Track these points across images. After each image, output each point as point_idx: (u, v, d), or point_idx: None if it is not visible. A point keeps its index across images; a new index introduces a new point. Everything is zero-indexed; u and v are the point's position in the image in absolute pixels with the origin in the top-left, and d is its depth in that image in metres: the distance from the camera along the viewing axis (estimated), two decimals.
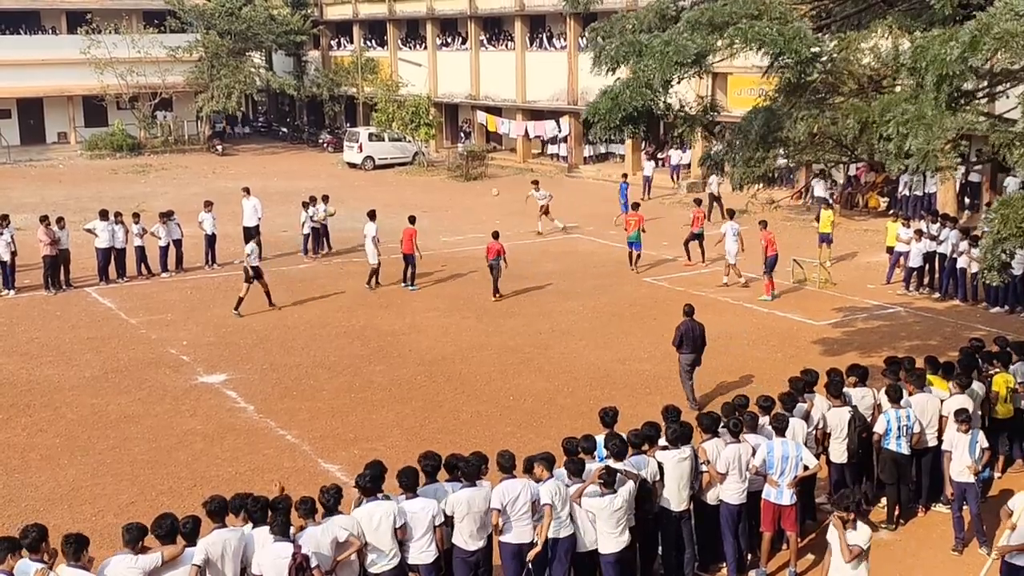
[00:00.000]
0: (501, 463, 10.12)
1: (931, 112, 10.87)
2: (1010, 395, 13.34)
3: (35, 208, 32.34)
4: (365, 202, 35.81)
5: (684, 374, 16.38)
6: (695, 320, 16.32)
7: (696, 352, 16.24)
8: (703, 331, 16.33)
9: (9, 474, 14.27)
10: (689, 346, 16.14)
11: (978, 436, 11.86)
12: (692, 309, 16.52)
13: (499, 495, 9.90)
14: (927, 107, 10.93)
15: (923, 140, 10.85)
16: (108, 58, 50.60)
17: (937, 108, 10.88)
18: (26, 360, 19.28)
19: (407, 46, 55.31)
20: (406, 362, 19.10)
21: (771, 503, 11.25)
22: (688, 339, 16.12)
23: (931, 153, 10.85)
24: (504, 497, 9.90)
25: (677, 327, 16.32)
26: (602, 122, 13.28)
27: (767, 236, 23.34)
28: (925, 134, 10.85)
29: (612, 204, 33.95)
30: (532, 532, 10.07)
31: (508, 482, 10.00)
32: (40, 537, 8.54)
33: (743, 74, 31.91)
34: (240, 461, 14.65)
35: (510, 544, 10.06)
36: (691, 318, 16.27)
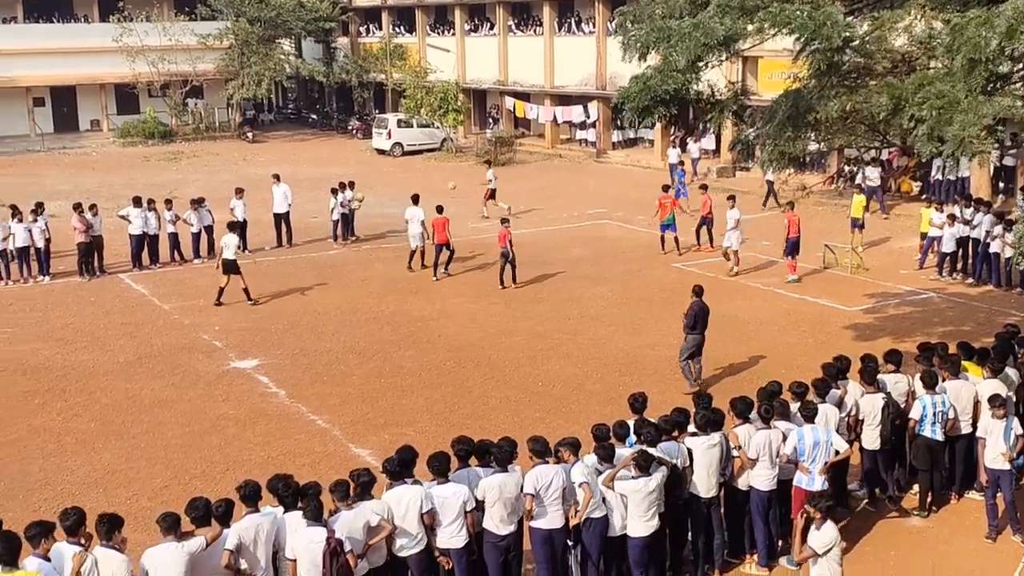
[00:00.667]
0: (535, 448, 10.12)
1: (966, 97, 10.74)
2: None
3: (69, 195, 32.66)
4: (394, 188, 35.97)
5: (685, 352, 16.50)
6: (704, 301, 16.53)
7: (704, 331, 16.48)
8: (709, 312, 16.60)
9: (45, 458, 14.47)
10: (701, 327, 16.37)
11: (1013, 423, 11.72)
12: (701, 289, 16.76)
13: (532, 480, 9.92)
14: (961, 92, 10.79)
15: (958, 126, 10.73)
16: (140, 46, 50.87)
17: (972, 93, 10.74)
18: (61, 345, 19.52)
19: (435, 32, 55.27)
20: (435, 348, 19.16)
21: (802, 489, 11.19)
22: (700, 320, 16.37)
23: (967, 140, 10.73)
24: (537, 482, 9.91)
25: (690, 308, 16.44)
26: (632, 105, 13.24)
27: (791, 218, 23.32)
28: (961, 120, 10.72)
29: (641, 189, 33.85)
30: (563, 518, 10.10)
31: (541, 467, 10.01)
32: (79, 520, 8.64)
33: (774, 58, 31.57)
34: (272, 446, 14.78)
35: (541, 529, 10.09)
36: (700, 298, 16.50)
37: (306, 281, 24.19)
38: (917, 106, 11.17)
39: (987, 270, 22.78)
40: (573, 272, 24.78)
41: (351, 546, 8.93)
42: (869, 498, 12.74)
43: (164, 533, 8.71)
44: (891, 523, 12.38)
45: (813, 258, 24.84)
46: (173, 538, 8.68)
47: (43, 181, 39.28)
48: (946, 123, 10.78)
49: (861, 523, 12.32)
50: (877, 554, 11.64)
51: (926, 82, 11.29)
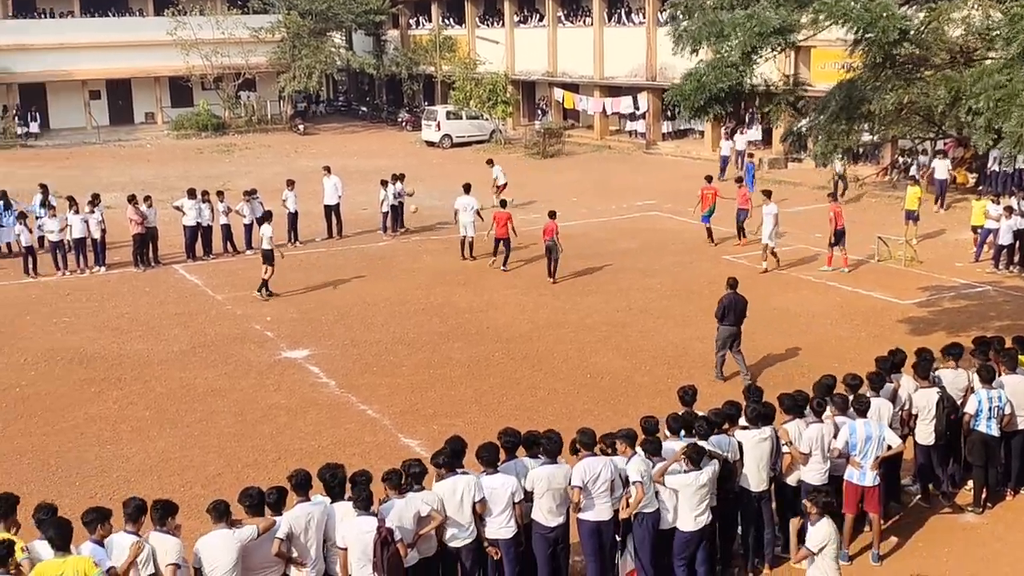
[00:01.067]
0: (583, 440, 10.13)
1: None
2: None
3: (124, 187, 33.19)
4: (443, 180, 36.08)
5: (720, 344, 16.58)
6: (738, 293, 16.54)
7: (737, 324, 16.46)
8: (746, 305, 16.52)
9: (101, 445, 14.74)
10: (731, 318, 16.40)
11: None
12: (736, 282, 16.78)
13: (580, 472, 9.92)
14: (1020, 84, 10.58)
15: (1016, 122, 10.51)
16: (193, 39, 51.52)
17: None
18: (117, 335, 19.85)
19: (485, 24, 55.29)
20: (484, 339, 19.21)
21: (854, 484, 11.09)
22: (731, 311, 16.39)
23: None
24: (585, 475, 9.91)
25: (720, 299, 16.57)
26: (687, 104, 13.18)
27: (835, 208, 23.19)
28: (1019, 115, 10.51)
29: (691, 181, 33.47)
30: (611, 510, 10.09)
31: (589, 459, 10.01)
32: (140, 509, 8.76)
33: (827, 47, 31.18)
34: (322, 435, 14.92)
35: (589, 522, 10.09)
36: (734, 291, 16.53)
37: (356, 272, 24.36)
38: (974, 98, 10.97)
39: None
40: (622, 264, 24.70)
41: (401, 535, 9.00)
42: (922, 494, 12.57)
43: (215, 521, 8.82)
44: (945, 519, 12.21)
45: (866, 250, 24.51)
46: (224, 526, 8.79)
47: (99, 173, 39.95)
48: (1004, 116, 10.57)
49: (914, 519, 12.18)
50: (930, 550, 11.49)
51: (984, 74, 11.08)
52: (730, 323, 16.40)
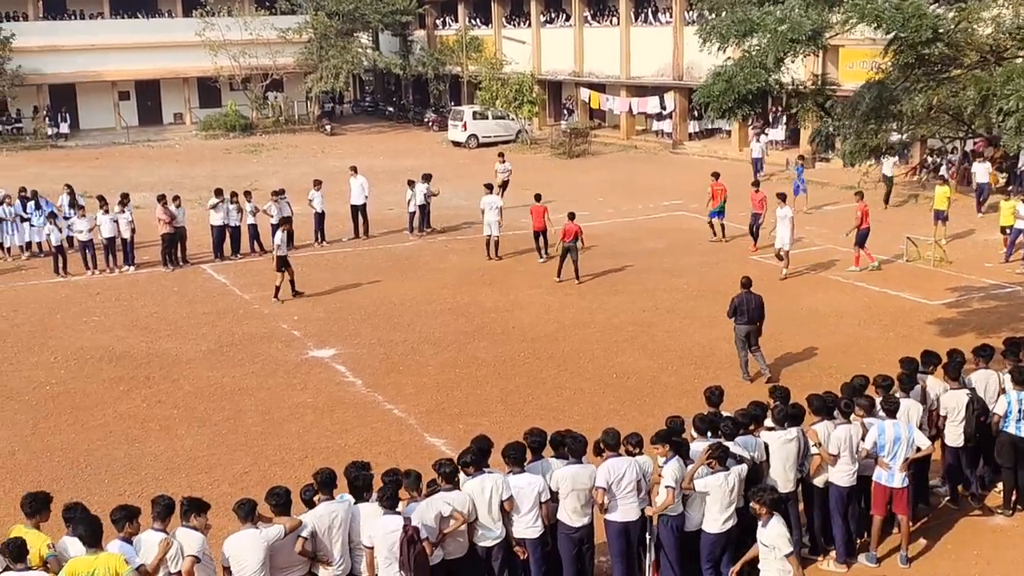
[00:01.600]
0: (607, 441, 10.11)
1: None
2: None
3: (153, 187, 33.44)
4: (469, 180, 36.13)
5: (739, 343, 16.66)
6: (752, 292, 16.63)
7: (751, 323, 16.46)
8: (760, 303, 16.54)
9: (130, 443, 14.86)
10: (743, 317, 16.45)
11: None
12: (749, 281, 16.88)
13: (604, 473, 9.90)
14: None
15: None
16: (221, 40, 51.85)
17: None
18: (146, 334, 20.01)
19: (511, 24, 55.31)
20: (509, 339, 19.22)
21: (882, 486, 11.01)
22: (742, 310, 16.46)
23: None
24: (610, 475, 9.90)
25: (732, 299, 16.69)
26: (715, 104, 13.11)
27: (862, 208, 22.95)
28: None
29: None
30: (638, 510, 10.07)
31: (614, 460, 10.00)
32: (168, 508, 8.81)
33: (855, 47, 30.96)
34: (349, 434, 14.98)
35: (616, 522, 10.07)
36: (748, 290, 16.65)
37: (382, 272, 24.44)
38: (1004, 99, 10.86)
39: None
40: (648, 264, 24.64)
41: (426, 534, 9.02)
42: (951, 496, 12.47)
43: (242, 521, 8.88)
44: (974, 521, 12.10)
45: (895, 250, 24.33)
46: (251, 525, 8.85)
47: (128, 173, 40.29)
48: None
49: (943, 521, 12.08)
50: (959, 553, 11.40)
51: (1015, 74, 10.97)
52: (743, 322, 16.47)
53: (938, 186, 26.31)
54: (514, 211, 29.61)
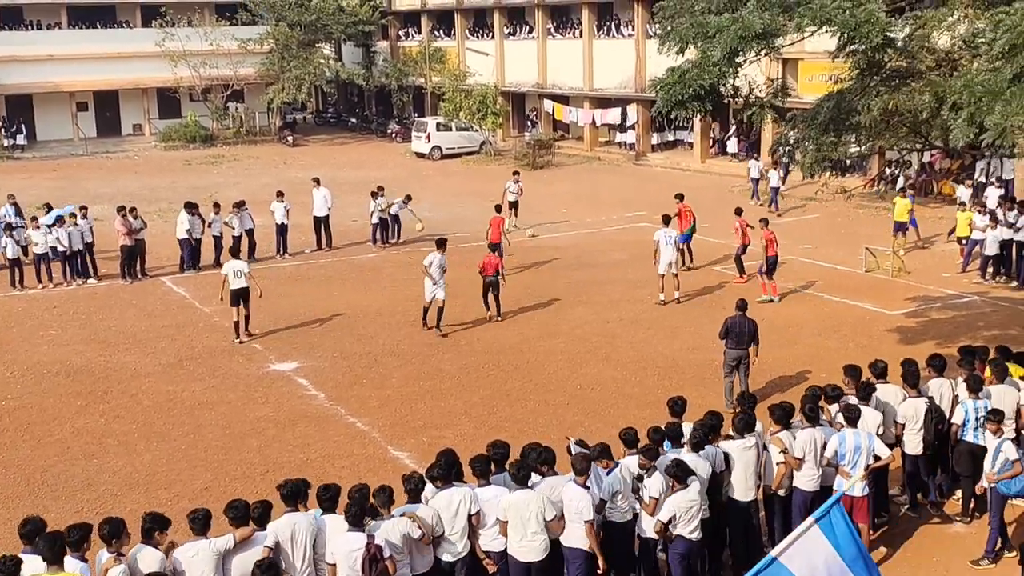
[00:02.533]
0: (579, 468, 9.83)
1: (1008, 87, 10.58)
2: None
3: (111, 199, 33.10)
4: (433, 192, 36.13)
5: (726, 367, 15.94)
6: (746, 316, 15.85)
7: (741, 347, 15.73)
8: (754, 328, 15.77)
9: (88, 459, 14.64)
10: (733, 341, 15.75)
11: (1003, 445, 11.18)
12: (745, 304, 16.12)
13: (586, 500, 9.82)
14: (1003, 82, 10.65)
15: (1000, 115, 10.56)
16: (181, 51, 51.50)
17: (1015, 83, 10.58)
18: (104, 348, 19.75)
19: (474, 35, 55.40)
20: (474, 351, 19.18)
21: (844, 495, 11.07)
22: (733, 333, 15.74)
23: (1008, 129, 10.54)
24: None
25: (725, 320, 15.99)
26: (665, 97, 13.16)
27: (767, 235, 22.01)
28: (1003, 109, 10.56)
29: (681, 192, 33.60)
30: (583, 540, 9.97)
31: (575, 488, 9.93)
32: (114, 530, 8.62)
33: (814, 60, 31.34)
34: (311, 447, 14.85)
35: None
36: (743, 313, 15.86)
37: (345, 284, 24.33)
38: (957, 95, 11.03)
39: None
40: (612, 275, 24.71)
41: (390, 552, 8.94)
42: (911, 504, 12.58)
43: (196, 532, 8.84)
44: (933, 529, 12.22)
45: (855, 261, 24.57)
46: (203, 537, 8.79)
47: (86, 184, 39.85)
48: (987, 112, 10.61)
49: (902, 529, 12.19)
50: (919, 560, 11.50)
51: (968, 77, 11.16)
52: (732, 345, 15.77)
53: (899, 198, 26.58)
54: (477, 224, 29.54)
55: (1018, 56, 10.40)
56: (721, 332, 15.96)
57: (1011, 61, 10.50)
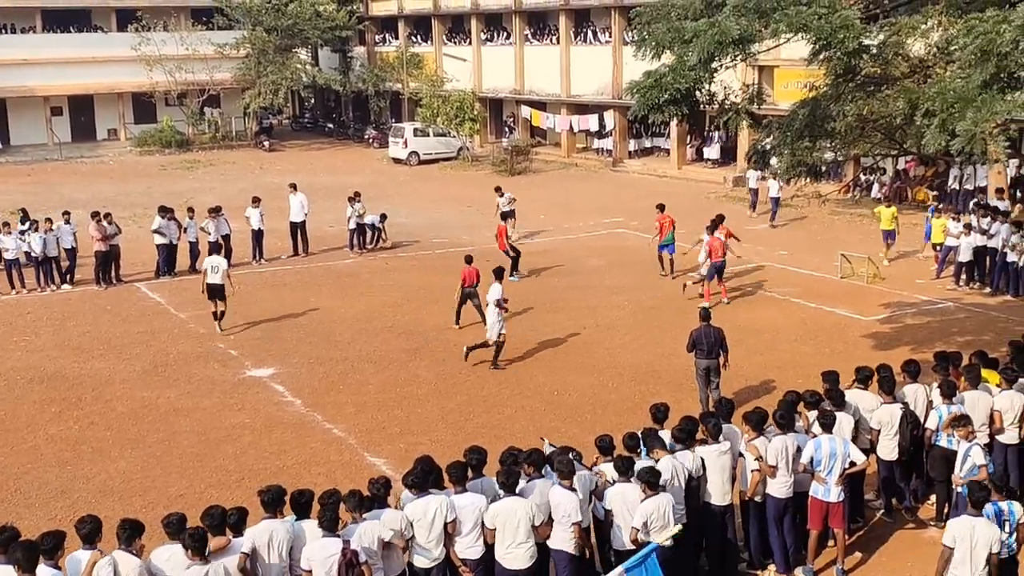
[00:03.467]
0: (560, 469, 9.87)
1: (980, 94, 10.69)
2: None
3: (86, 204, 32.83)
4: (410, 198, 36.09)
5: (699, 378, 15.86)
6: (711, 326, 15.72)
7: (711, 357, 15.63)
8: (720, 336, 15.61)
9: (61, 466, 14.52)
10: (702, 351, 15.64)
11: (972, 450, 11.25)
12: (708, 314, 16.02)
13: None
14: (974, 89, 10.76)
15: (970, 122, 10.67)
16: (157, 55, 51.26)
17: (986, 90, 10.69)
18: (78, 354, 19.60)
19: (452, 41, 55.41)
20: (451, 357, 19.14)
21: (819, 500, 11.13)
22: (701, 344, 15.62)
23: (978, 135, 10.64)
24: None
25: (691, 332, 15.84)
26: (641, 100, 13.20)
27: (712, 241, 21.93)
28: (973, 116, 10.67)
29: (657, 199, 33.46)
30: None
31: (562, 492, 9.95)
32: (95, 529, 8.69)
33: (790, 67, 31.55)
34: (287, 454, 14.79)
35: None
36: (707, 323, 15.74)
37: (322, 290, 24.25)
38: (930, 101, 11.13)
39: (1005, 280, 22.65)
40: (589, 281, 24.75)
41: (366, 557, 8.91)
42: (886, 509, 12.65)
43: (172, 536, 8.79)
44: (908, 534, 12.29)
45: (831, 267, 24.72)
46: (179, 541, 8.72)
47: (60, 190, 39.56)
48: (959, 118, 10.72)
49: (878, 534, 12.26)
50: (894, 565, 11.56)
51: (942, 85, 11.27)
52: (702, 356, 15.66)
53: (884, 208, 26.57)
54: (455, 230, 29.63)
55: (988, 62, 10.51)
56: (688, 344, 15.82)
57: (982, 67, 10.60)
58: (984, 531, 9.47)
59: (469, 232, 30.25)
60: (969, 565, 9.44)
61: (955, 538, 9.51)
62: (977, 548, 9.42)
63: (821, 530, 11.31)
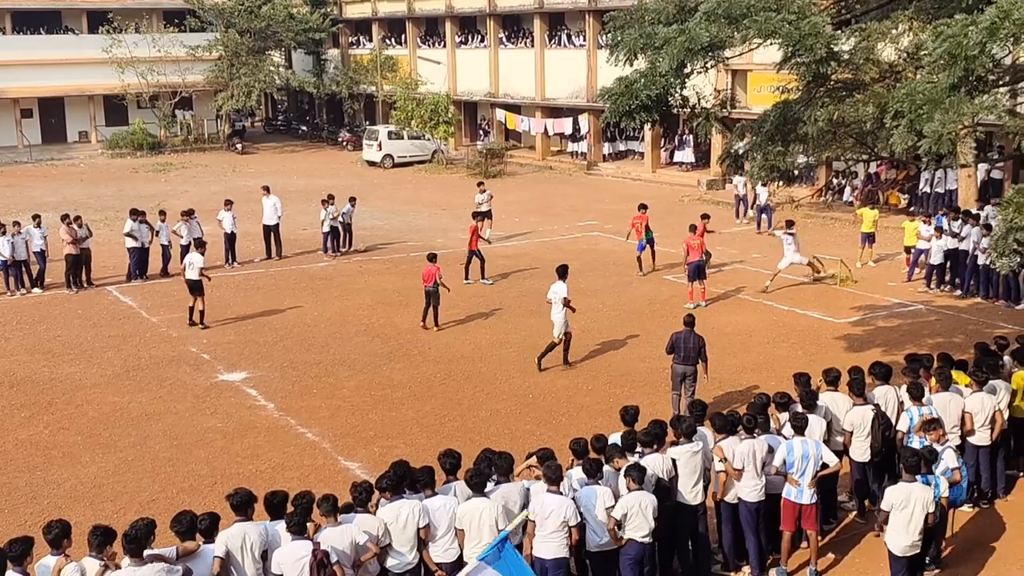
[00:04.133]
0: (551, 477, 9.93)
1: (947, 97, 10.80)
2: None
3: (57, 207, 32.54)
4: (385, 200, 36.00)
5: (674, 382, 15.72)
6: (693, 332, 15.60)
7: (688, 363, 15.51)
8: (699, 344, 15.45)
9: (31, 471, 14.37)
10: (680, 356, 15.53)
11: (944, 453, 11.36)
12: (692, 320, 15.84)
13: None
14: (942, 91, 10.87)
15: (938, 123, 10.78)
16: (129, 57, 50.85)
17: (954, 92, 10.80)
18: (48, 358, 19.41)
19: (426, 44, 55.35)
20: (425, 360, 19.11)
21: (792, 502, 11.18)
22: (679, 348, 15.50)
23: (945, 136, 10.75)
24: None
25: (671, 335, 15.78)
26: (612, 107, 13.23)
27: (688, 241, 22.25)
28: (941, 117, 10.78)
29: (632, 201, 33.54)
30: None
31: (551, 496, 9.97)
32: (62, 534, 8.63)
33: (763, 71, 31.79)
34: (260, 458, 14.70)
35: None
36: (689, 328, 15.60)
37: (295, 293, 24.13)
38: (899, 103, 11.24)
39: (976, 283, 22.86)
40: None
41: (338, 558, 8.87)
42: (859, 510, 12.73)
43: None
44: (881, 536, 12.35)
45: (803, 270, 24.85)
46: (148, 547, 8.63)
47: (30, 193, 39.17)
48: (927, 119, 10.83)
49: (850, 536, 12.33)
50: (866, 566, 11.62)
51: (911, 88, 11.37)
52: (678, 360, 15.54)
53: (868, 209, 26.64)
54: (430, 233, 29.52)
55: (956, 65, 10.61)
56: (667, 346, 15.72)
57: (949, 70, 10.71)
58: (920, 494, 10.35)
59: (443, 235, 30.21)
60: (909, 526, 10.34)
61: (892, 503, 10.37)
62: (916, 510, 10.31)
63: (794, 531, 11.37)
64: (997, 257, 11.68)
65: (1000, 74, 12.86)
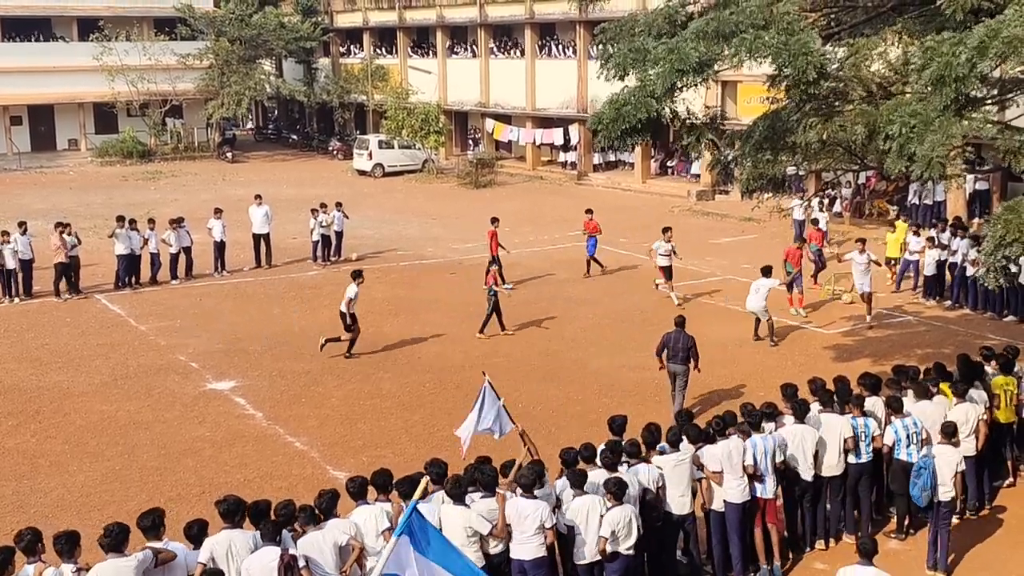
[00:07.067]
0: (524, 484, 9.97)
1: (937, 117, 10.83)
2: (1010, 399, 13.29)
3: (46, 215, 32.46)
4: (375, 209, 35.96)
5: (669, 380, 16.20)
6: (683, 332, 15.97)
7: (677, 362, 15.88)
8: (690, 344, 15.87)
9: (18, 480, 14.30)
10: (670, 355, 15.93)
11: None
12: (683, 320, 16.27)
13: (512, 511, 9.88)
14: (933, 112, 10.90)
15: (928, 147, 10.82)
16: (119, 65, 50.73)
17: (944, 113, 10.84)
18: (36, 366, 19.32)
19: (417, 54, 55.39)
20: (415, 369, 19.09)
21: (758, 498, 11.37)
22: (669, 349, 15.90)
23: (935, 160, 10.80)
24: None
25: (662, 336, 16.19)
26: (605, 132, 13.27)
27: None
28: (931, 140, 10.82)
29: (622, 212, 33.93)
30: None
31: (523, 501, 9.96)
32: (34, 540, 8.68)
33: (752, 82, 31.86)
34: (249, 468, 14.65)
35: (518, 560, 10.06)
36: (679, 329, 16.00)
37: (285, 302, 24.09)
38: (890, 125, 11.28)
39: (964, 294, 22.93)
40: (555, 294, 24.78)
41: (306, 563, 8.92)
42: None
43: (108, 549, 8.71)
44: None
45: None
46: (119, 554, 8.65)
47: (20, 200, 39.02)
48: (917, 141, 10.86)
49: (839, 546, 12.31)
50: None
51: (900, 105, 11.41)
52: (670, 361, 15.93)
53: (889, 232, 25.80)
54: (419, 242, 29.46)
55: (946, 87, 10.65)
56: (658, 347, 16.17)
57: (940, 92, 10.74)
58: (836, 423, 11.96)
59: (433, 244, 30.21)
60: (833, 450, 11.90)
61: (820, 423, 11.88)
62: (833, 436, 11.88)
63: (762, 527, 11.48)
64: (985, 273, 11.73)
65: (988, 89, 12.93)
